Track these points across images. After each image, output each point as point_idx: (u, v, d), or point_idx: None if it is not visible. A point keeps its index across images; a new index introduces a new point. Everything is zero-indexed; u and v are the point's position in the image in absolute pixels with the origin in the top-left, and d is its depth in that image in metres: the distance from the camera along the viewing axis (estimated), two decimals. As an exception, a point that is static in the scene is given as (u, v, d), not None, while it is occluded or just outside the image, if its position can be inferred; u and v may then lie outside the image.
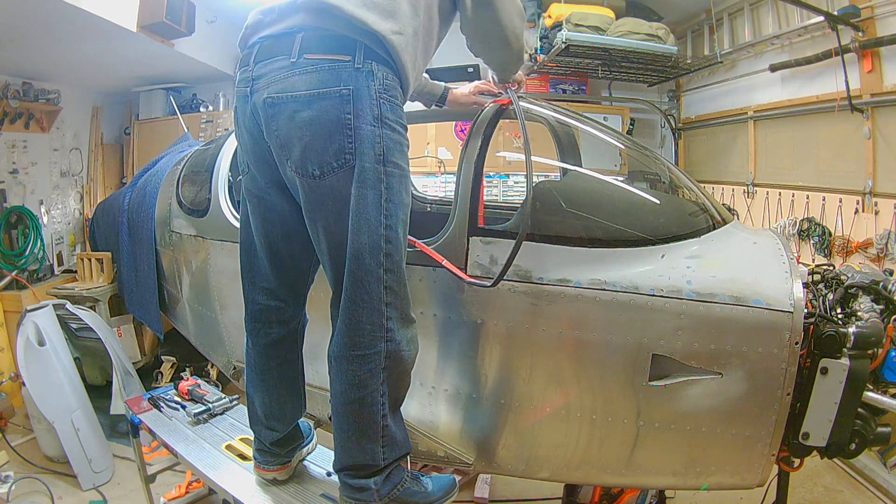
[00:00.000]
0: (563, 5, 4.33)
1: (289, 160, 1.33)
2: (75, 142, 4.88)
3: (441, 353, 1.71)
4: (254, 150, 1.44)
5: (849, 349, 1.48)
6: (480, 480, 2.96)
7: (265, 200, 1.51)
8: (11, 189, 4.13)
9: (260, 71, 1.34)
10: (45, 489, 2.90)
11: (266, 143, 1.38)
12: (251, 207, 1.55)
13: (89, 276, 4.11)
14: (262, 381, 1.65)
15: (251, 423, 1.72)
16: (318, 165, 1.30)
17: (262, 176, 1.48)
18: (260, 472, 1.73)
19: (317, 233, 1.40)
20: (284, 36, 1.33)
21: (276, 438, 1.68)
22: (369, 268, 1.32)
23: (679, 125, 5.69)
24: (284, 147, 1.32)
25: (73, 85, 4.61)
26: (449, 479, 1.58)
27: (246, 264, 1.62)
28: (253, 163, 1.47)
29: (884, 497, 2.75)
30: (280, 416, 1.67)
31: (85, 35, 3.42)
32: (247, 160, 1.50)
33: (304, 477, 1.77)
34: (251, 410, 1.70)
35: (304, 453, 1.81)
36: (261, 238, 1.55)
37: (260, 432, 1.69)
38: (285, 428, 1.69)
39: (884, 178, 3.29)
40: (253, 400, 1.68)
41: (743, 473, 1.58)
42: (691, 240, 1.70)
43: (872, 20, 3.22)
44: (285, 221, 1.51)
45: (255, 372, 1.65)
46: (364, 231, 1.32)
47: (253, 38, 1.39)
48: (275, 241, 1.54)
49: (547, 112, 2.23)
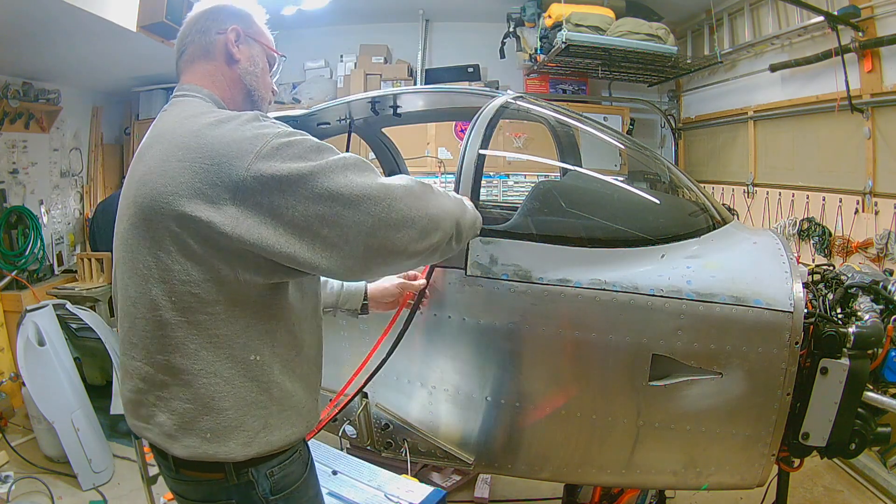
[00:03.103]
0: (563, 5, 4.32)
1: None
2: (75, 142, 4.88)
3: (441, 353, 1.71)
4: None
5: (849, 349, 1.49)
6: (480, 480, 2.96)
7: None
8: (11, 189, 4.12)
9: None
10: (45, 489, 2.90)
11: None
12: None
13: (89, 276, 4.12)
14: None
15: None
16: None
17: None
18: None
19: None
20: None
21: None
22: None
23: (679, 125, 5.69)
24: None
25: (73, 85, 4.61)
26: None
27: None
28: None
29: (884, 497, 2.75)
30: None
31: (85, 35, 3.42)
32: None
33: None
34: None
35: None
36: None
37: None
38: None
39: (884, 178, 3.29)
40: None
41: (743, 473, 1.58)
42: (691, 240, 1.70)
43: (872, 20, 3.21)
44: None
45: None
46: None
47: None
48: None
49: (547, 112, 2.23)
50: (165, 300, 1.01)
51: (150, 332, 1.03)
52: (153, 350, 1.04)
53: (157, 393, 1.06)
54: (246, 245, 0.96)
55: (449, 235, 1.13)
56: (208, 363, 1.03)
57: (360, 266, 1.02)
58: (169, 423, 1.05)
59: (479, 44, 5.53)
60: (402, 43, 5.63)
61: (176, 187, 0.96)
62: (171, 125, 1.07)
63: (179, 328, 1.01)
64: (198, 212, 0.95)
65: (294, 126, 1.05)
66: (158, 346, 1.03)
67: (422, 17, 5.56)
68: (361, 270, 1.04)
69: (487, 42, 5.40)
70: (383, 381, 1.79)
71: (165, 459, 1.12)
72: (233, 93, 1.21)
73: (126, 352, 1.09)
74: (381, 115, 2.40)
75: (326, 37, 5.46)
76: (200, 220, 0.95)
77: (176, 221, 0.97)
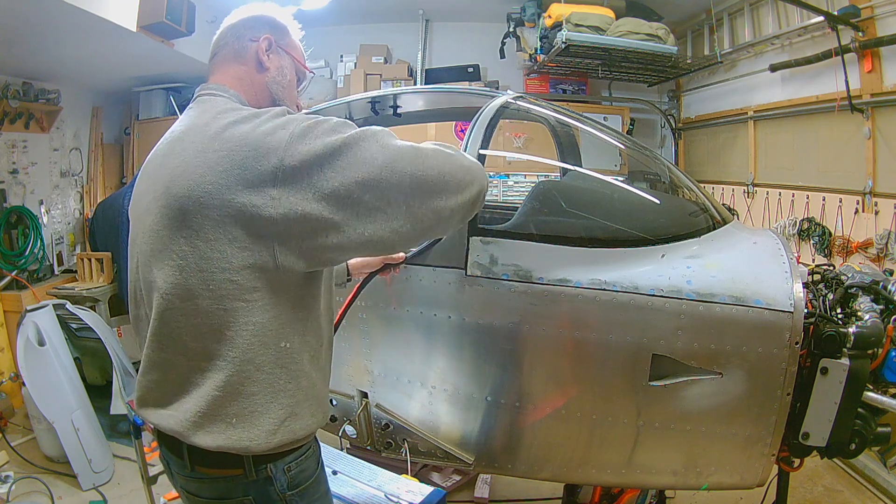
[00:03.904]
0: (563, 5, 4.32)
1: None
2: (75, 142, 4.88)
3: (441, 353, 1.71)
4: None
5: (849, 349, 1.49)
6: (480, 480, 2.96)
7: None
8: (11, 189, 4.12)
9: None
10: (45, 489, 2.90)
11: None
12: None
13: (89, 276, 4.12)
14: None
15: None
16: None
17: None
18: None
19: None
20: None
21: None
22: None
23: (679, 125, 5.69)
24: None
25: (73, 85, 4.61)
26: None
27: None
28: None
29: (884, 497, 2.75)
30: None
31: (85, 35, 3.42)
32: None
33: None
34: None
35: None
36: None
37: None
38: None
39: (884, 178, 3.28)
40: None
41: (743, 473, 1.58)
42: (691, 240, 1.70)
43: (872, 20, 3.21)
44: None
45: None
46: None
47: None
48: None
49: (547, 112, 2.23)
50: (202, 288, 1.02)
51: (183, 321, 1.04)
52: (187, 339, 1.05)
53: (190, 379, 1.07)
54: (291, 224, 0.98)
55: (482, 187, 1.16)
56: (243, 350, 1.04)
57: (407, 228, 1.04)
58: (196, 409, 1.06)
59: (479, 44, 5.53)
60: (402, 43, 5.64)
61: (216, 176, 0.98)
62: (204, 120, 1.08)
63: (216, 315, 1.03)
64: (241, 198, 0.97)
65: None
66: (193, 333, 1.04)
67: (422, 17, 5.56)
68: (409, 233, 1.05)
69: (487, 42, 5.40)
70: (383, 380, 1.79)
71: (179, 457, 1.12)
72: (258, 98, 1.23)
73: (154, 344, 1.09)
74: (381, 115, 2.40)
75: (326, 37, 5.45)
76: (244, 205, 0.97)
77: (218, 210, 0.99)
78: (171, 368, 1.08)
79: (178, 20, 3.67)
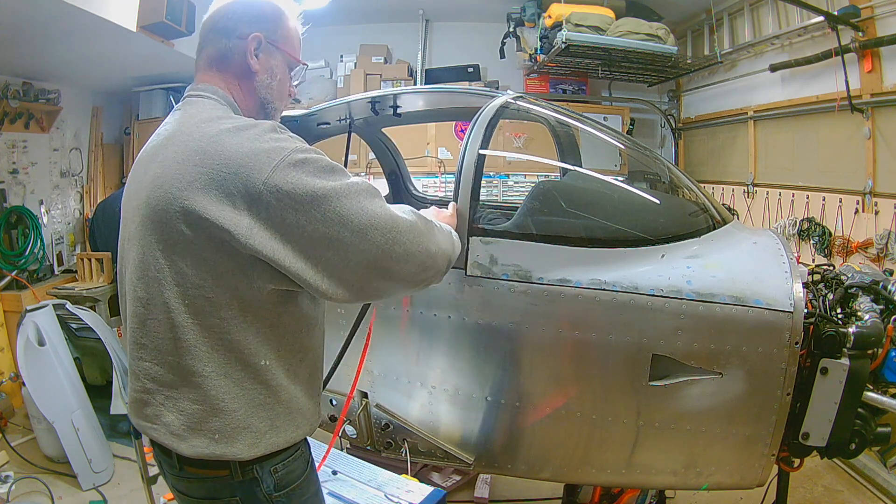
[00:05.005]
0: (563, 5, 4.33)
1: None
2: (75, 142, 4.88)
3: (441, 353, 1.71)
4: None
5: (849, 349, 1.49)
6: (480, 480, 2.96)
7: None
8: (11, 189, 4.12)
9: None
10: (45, 489, 2.90)
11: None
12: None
13: (89, 276, 4.12)
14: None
15: None
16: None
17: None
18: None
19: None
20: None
21: None
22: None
23: (679, 125, 5.69)
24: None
25: (73, 85, 4.61)
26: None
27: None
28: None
29: (884, 497, 2.74)
30: None
31: (85, 35, 3.42)
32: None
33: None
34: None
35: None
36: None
37: None
38: None
39: (884, 178, 3.29)
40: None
41: (743, 473, 1.58)
42: (691, 240, 1.70)
43: (872, 20, 3.21)
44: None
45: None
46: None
47: None
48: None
49: (547, 112, 2.23)
50: (178, 303, 1.01)
51: (161, 334, 1.04)
52: (164, 351, 1.04)
53: (166, 393, 1.06)
54: (259, 255, 0.97)
55: (440, 272, 1.18)
56: (219, 365, 1.03)
57: (347, 295, 1.04)
58: (177, 423, 1.05)
59: (479, 44, 5.53)
60: (402, 43, 5.64)
61: (192, 192, 0.96)
62: (188, 127, 1.06)
63: (191, 331, 1.02)
64: (214, 218, 0.95)
65: (294, 126, 1.05)
66: (170, 347, 1.03)
67: (422, 17, 5.56)
68: (344, 297, 1.04)
69: (487, 42, 5.40)
70: (383, 380, 1.79)
71: (169, 457, 1.12)
72: (247, 102, 1.20)
73: (134, 353, 1.09)
74: (381, 115, 2.40)
75: (326, 37, 5.45)
76: (216, 226, 0.96)
77: (190, 227, 0.97)
78: (152, 379, 1.07)
79: (178, 20, 3.67)
